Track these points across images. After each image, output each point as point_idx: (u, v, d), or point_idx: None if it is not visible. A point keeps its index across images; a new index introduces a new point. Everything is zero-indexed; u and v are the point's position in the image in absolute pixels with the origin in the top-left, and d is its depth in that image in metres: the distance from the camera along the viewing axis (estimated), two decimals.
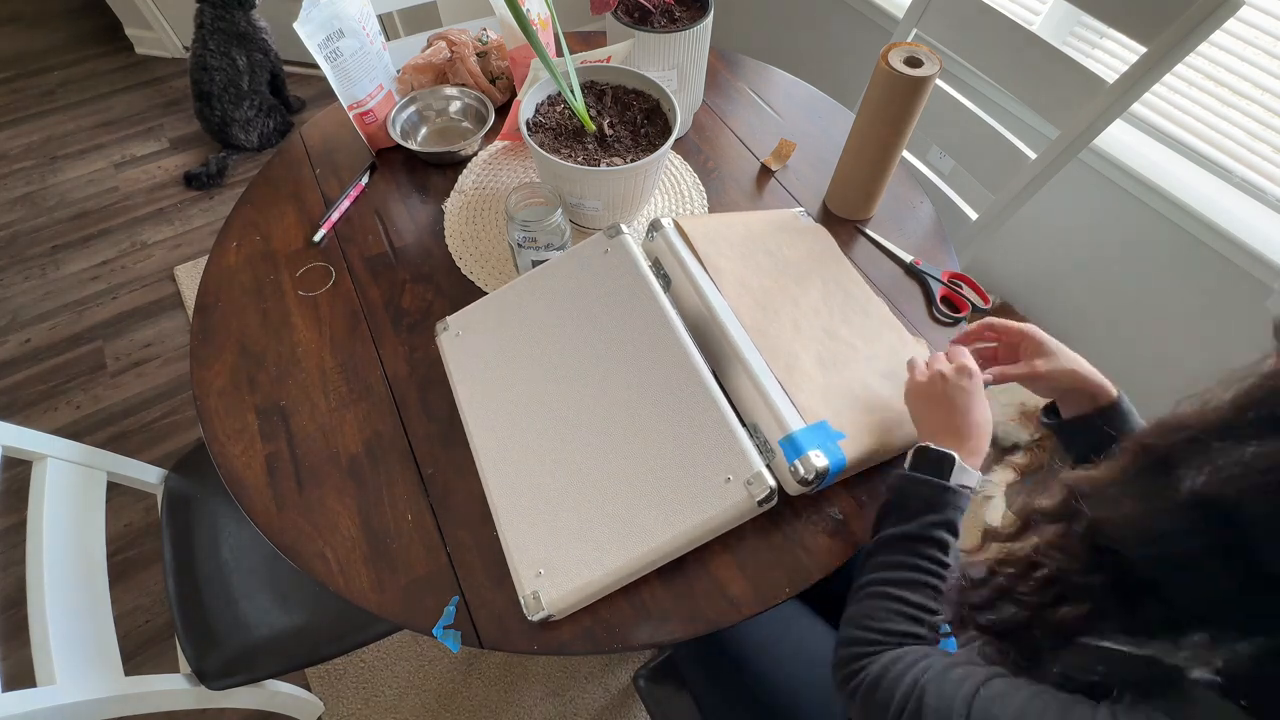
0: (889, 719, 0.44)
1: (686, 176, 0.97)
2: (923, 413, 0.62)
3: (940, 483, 0.55)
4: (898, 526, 0.55)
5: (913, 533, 0.54)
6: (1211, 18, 0.79)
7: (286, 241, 0.87)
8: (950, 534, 0.54)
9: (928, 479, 0.56)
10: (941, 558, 0.54)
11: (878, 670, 0.47)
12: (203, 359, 0.76)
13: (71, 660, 0.69)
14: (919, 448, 0.58)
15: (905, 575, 0.53)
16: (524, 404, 0.67)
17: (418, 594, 0.62)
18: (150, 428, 1.49)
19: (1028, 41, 1.00)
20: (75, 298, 1.71)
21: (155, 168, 2.02)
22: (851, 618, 0.53)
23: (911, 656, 0.47)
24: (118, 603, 0.79)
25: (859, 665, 0.49)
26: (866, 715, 0.47)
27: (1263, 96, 1.15)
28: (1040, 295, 1.61)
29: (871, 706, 0.46)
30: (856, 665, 0.49)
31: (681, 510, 0.58)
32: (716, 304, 0.70)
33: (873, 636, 0.50)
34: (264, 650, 0.83)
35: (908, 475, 0.58)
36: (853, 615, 0.54)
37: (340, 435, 0.71)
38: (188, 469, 0.97)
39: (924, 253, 0.89)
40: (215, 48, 1.83)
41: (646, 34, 0.86)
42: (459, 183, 0.95)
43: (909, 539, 0.54)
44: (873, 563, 0.56)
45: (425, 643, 1.21)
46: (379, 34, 0.94)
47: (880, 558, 0.55)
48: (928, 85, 0.76)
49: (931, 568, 0.53)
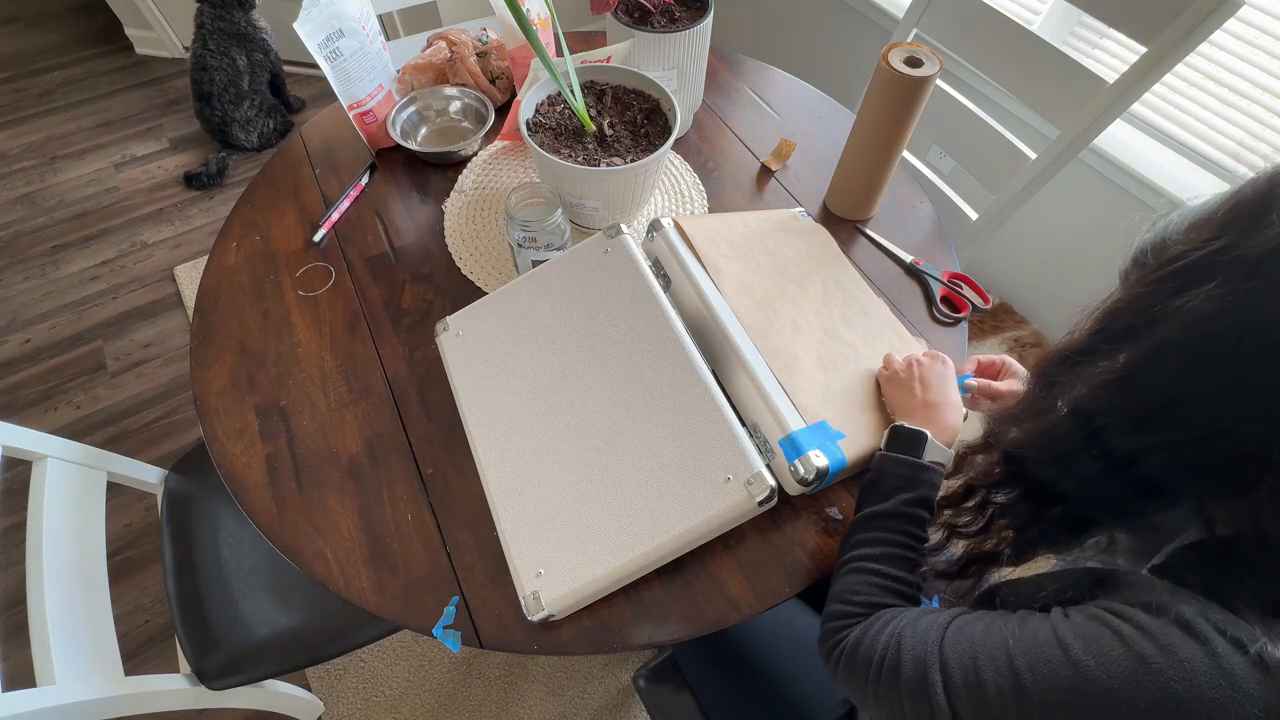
0: (871, 672, 0.46)
1: (686, 176, 0.97)
2: (895, 395, 0.67)
3: (914, 460, 0.59)
4: (875, 505, 0.58)
5: (890, 510, 0.57)
6: (1211, 18, 0.79)
7: (286, 241, 0.87)
8: (925, 510, 0.57)
9: (901, 457, 0.59)
10: (918, 533, 0.56)
11: (857, 634, 0.49)
12: (203, 359, 0.76)
13: (71, 660, 0.69)
14: (893, 427, 0.62)
15: (883, 550, 0.55)
16: (524, 404, 0.67)
17: (418, 594, 0.62)
18: (150, 428, 1.49)
19: (1028, 41, 1.00)
20: (75, 298, 1.71)
21: (155, 168, 2.02)
22: (834, 594, 0.55)
23: (887, 616, 0.49)
24: (118, 603, 0.79)
25: (840, 636, 0.51)
26: (850, 678, 0.49)
27: (1263, 96, 1.15)
28: (1040, 295, 1.61)
29: (854, 668, 0.48)
30: (839, 636, 0.51)
31: (681, 510, 0.58)
32: (716, 304, 0.70)
33: (853, 609, 0.52)
34: (264, 650, 0.83)
35: (884, 455, 0.61)
36: (835, 592, 0.55)
37: (340, 435, 0.71)
38: (188, 469, 0.97)
39: (924, 253, 0.89)
40: (215, 48, 1.83)
41: (646, 34, 0.86)
42: (459, 183, 0.95)
43: (887, 516, 0.57)
44: (852, 540, 0.58)
45: (425, 643, 1.21)
46: (379, 34, 0.94)
47: (859, 535, 0.57)
48: (928, 85, 0.76)
49: (909, 543, 0.56)
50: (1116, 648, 0.35)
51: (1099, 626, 0.36)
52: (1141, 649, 0.34)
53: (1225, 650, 0.32)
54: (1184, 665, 0.32)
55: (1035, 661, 0.37)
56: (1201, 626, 0.33)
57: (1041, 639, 0.38)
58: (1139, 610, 0.36)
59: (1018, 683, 0.37)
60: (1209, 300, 0.33)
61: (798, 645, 0.72)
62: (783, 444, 0.62)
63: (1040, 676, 0.36)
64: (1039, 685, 0.36)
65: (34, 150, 2.05)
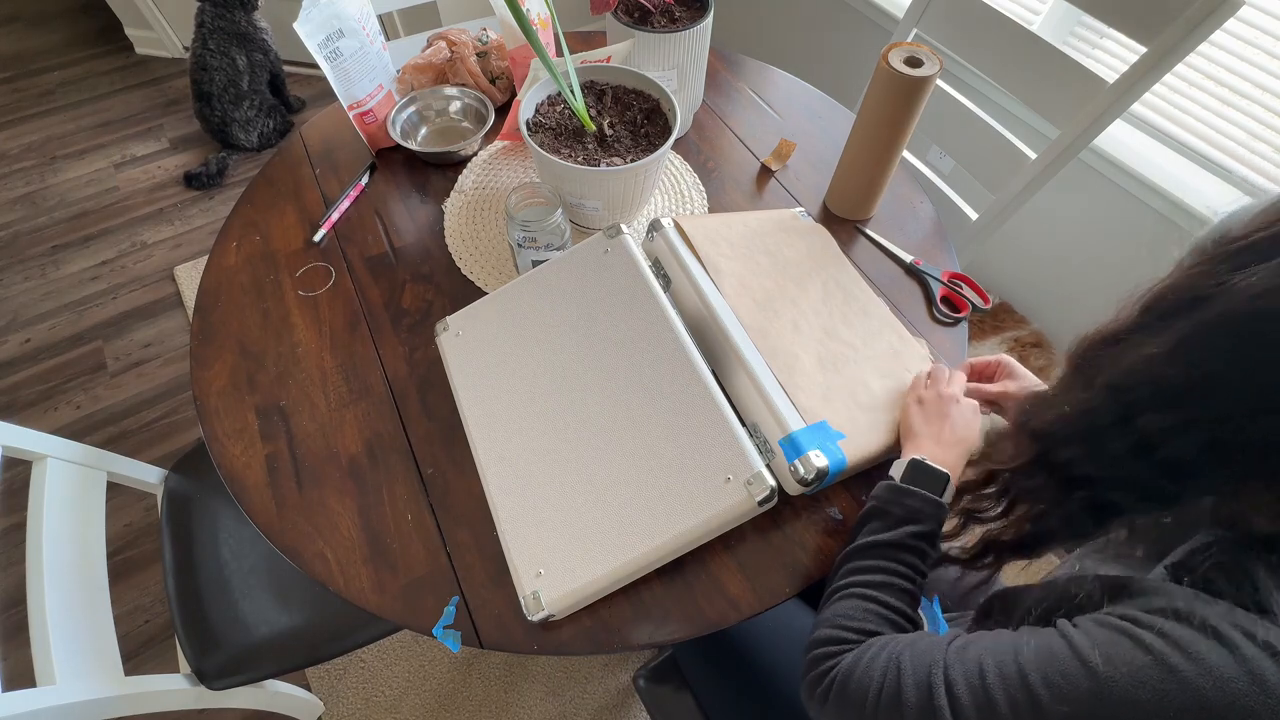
0: (869, 701, 0.43)
1: (686, 176, 0.97)
2: (924, 426, 0.63)
3: (933, 498, 0.56)
4: (879, 534, 0.55)
5: (895, 540, 0.54)
6: (1211, 18, 0.79)
7: (286, 241, 0.87)
8: (931, 547, 0.55)
9: (919, 491, 0.57)
10: (921, 566, 0.54)
11: (849, 662, 0.47)
12: (203, 359, 0.76)
13: (71, 660, 0.69)
14: (913, 460, 0.59)
15: (884, 579, 0.53)
16: (524, 404, 0.67)
17: (418, 594, 0.62)
18: (150, 428, 1.49)
19: (1028, 41, 1.00)
20: (75, 298, 1.71)
21: (155, 168, 2.02)
22: (825, 619, 0.53)
23: (880, 641, 0.47)
24: (118, 603, 0.79)
25: (830, 664, 0.48)
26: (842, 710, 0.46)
27: (1263, 96, 1.15)
28: (1040, 295, 1.61)
29: (846, 698, 0.45)
30: (829, 664, 0.48)
31: (681, 510, 0.58)
32: (716, 304, 0.70)
33: (847, 635, 0.50)
34: (264, 650, 0.83)
35: (898, 485, 0.58)
36: (826, 617, 0.53)
37: (340, 435, 0.71)
38: (188, 469, 0.97)
39: (924, 253, 0.89)
40: (215, 48, 1.83)
41: (646, 34, 0.86)
42: (459, 183, 0.95)
43: (891, 546, 0.54)
44: (848, 567, 0.55)
45: (425, 643, 1.21)
46: (379, 34, 0.94)
47: (858, 561, 0.55)
48: (928, 85, 0.76)
49: (910, 575, 0.53)
50: (1140, 657, 0.33)
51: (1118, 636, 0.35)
52: (1167, 657, 0.33)
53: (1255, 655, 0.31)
54: (1214, 672, 0.31)
55: (1051, 675, 0.36)
56: (1229, 632, 0.32)
57: (1056, 652, 0.36)
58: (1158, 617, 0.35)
59: (1033, 699, 0.36)
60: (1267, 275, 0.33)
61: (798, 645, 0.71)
62: (783, 444, 0.62)
63: (1057, 690, 0.35)
64: (1056, 699, 0.35)
65: (34, 150, 2.05)
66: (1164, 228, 1.28)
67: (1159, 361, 0.37)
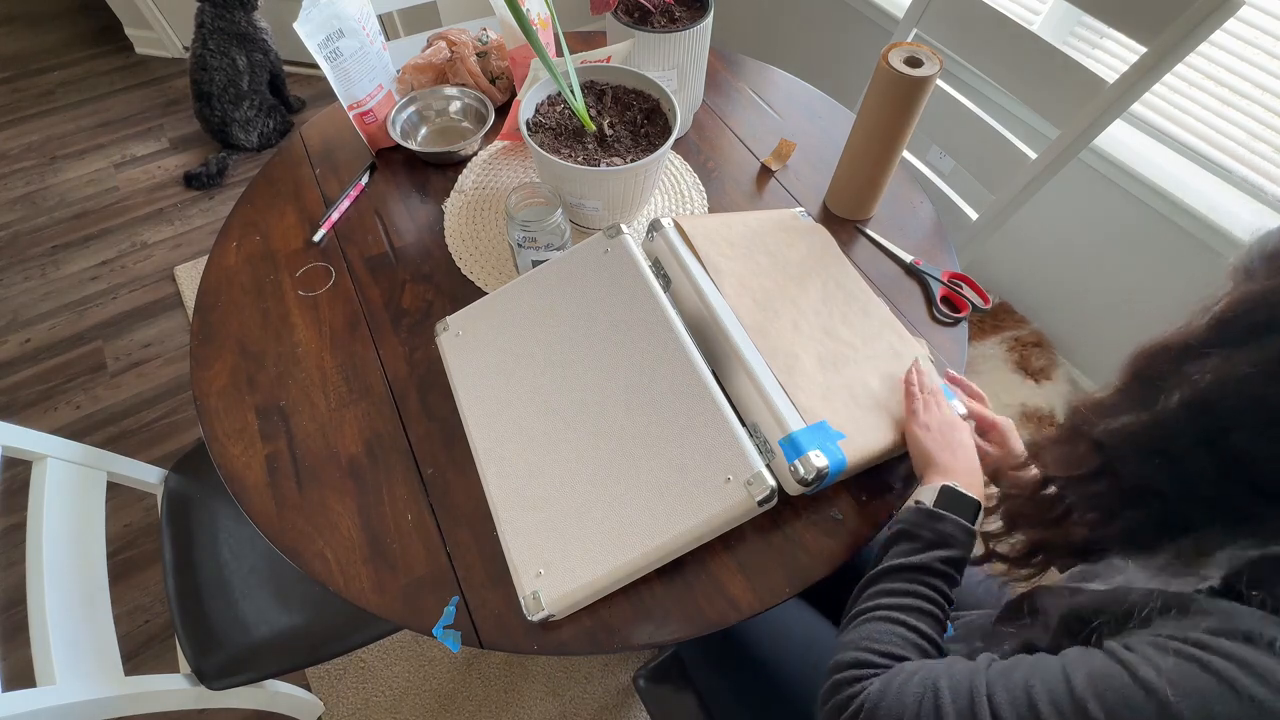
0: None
1: (686, 176, 0.97)
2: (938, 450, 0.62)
3: (965, 524, 0.56)
4: (907, 557, 0.54)
5: (923, 563, 0.53)
6: (1211, 18, 0.79)
7: (286, 241, 0.87)
8: (958, 572, 0.54)
9: (951, 516, 0.56)
10: (948, 592, 0.53)
11: (878, 687, 0.45)
12: (203, 359, 0.76)
13: (71, 660, 0.69)
14: (944, 487, 0.58)
15: (912, 602, 0.52)
16: (524, 404, 0.67)
17: (418, 594, 0.62)
18: (150, 428, 1.49)
19: (1028, 41, 1.00)
20: (75, 298, 1.71)
21: (155, 168, 2.02)
22: (849, 642, 0.51)
23: (911, 667, 0.45)
24: (118, 603, 0.79)
25: (857, 689, 0.46)
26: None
27: (1263, 96, 1.15)
28: (1040, 295, 1.61)
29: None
30: (855, 689, 0.46)
31: (682, 510, 0.58)
32: (716, 304, 0.70)
33: (875, 659, 0.48)
34: (264, 650, 0.83)
35: (929, 509, 0.57)
36: (851, 639, 0.51)
37: (340, 435, 0.71)
38: (188, 469, 0.97)
39: (924, 253, 0.89)
40: (215, 48, 1.83)
41: (646, 34, 0.86)
42: (459, 183, 0.95)
43: (919, 569, 0.53)
44: (875, 589, 0.54)
45: (425, 643, 1.21)
46: (379, 34, 0.94)
47: (885, 584, 0.54)
48: (928, 85, 0.76)
49: (939, 599, 0.52)
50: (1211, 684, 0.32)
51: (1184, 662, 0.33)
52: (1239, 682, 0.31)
53: None
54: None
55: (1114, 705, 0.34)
56: None
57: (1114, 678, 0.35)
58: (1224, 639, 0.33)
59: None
60: None
61: (798, 644, 0.72)
62: (783, 444, 0.62)
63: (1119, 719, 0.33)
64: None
65: (34, 150, 2.05)
66: (1164, 228, 1.28)
67: (1256, 380, 0.35)
